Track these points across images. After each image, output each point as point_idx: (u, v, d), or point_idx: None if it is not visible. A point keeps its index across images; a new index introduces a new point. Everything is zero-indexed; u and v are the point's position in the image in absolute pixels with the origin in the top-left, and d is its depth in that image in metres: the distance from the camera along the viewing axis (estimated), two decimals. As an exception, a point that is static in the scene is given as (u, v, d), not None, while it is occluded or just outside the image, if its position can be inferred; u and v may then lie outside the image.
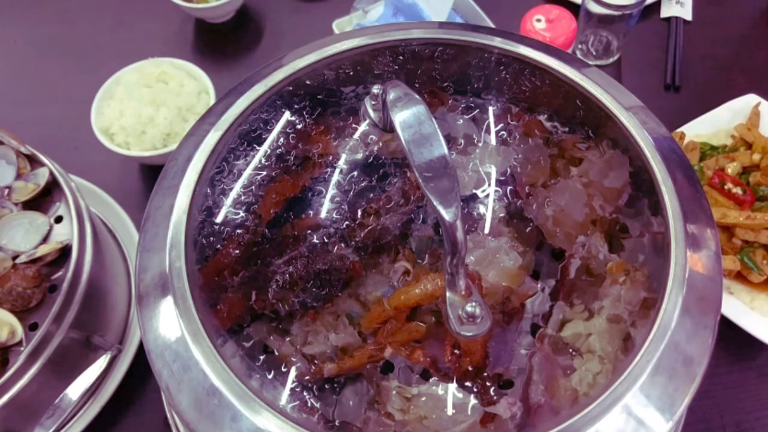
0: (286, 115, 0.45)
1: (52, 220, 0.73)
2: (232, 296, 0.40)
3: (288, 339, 0.41)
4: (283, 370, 0.40)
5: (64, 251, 0.70)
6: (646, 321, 0.38)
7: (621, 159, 0.47)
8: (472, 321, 0.34)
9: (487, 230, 0.44)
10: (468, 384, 0.41)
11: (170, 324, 0.36)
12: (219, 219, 0.41)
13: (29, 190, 0.73)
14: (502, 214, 0.44)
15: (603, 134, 0.48)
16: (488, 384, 0.41)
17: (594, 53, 1.01)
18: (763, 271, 0.77)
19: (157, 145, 0.86)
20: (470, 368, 0.41)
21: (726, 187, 0.80)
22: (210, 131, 0.43)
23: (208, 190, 0.41)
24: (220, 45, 1.05)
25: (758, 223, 0.77)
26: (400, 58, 0.49)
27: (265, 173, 0.43)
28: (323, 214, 0.43)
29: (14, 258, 0.69)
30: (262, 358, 0.40)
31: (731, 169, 0.83)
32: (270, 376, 0.37)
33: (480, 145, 0.44)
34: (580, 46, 1.02)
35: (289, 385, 0.38)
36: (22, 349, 0.65)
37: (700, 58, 1.00)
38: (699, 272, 0.39)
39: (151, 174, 0.93)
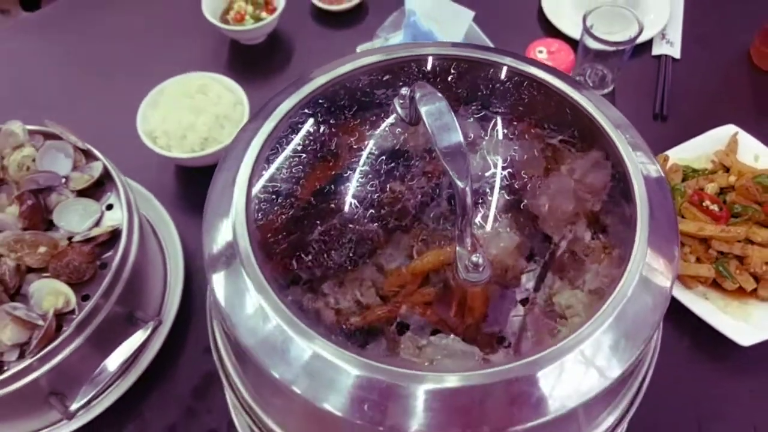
0: (328, 112, 0.53)
1: (103, 208, 0.80)
2: (279, 255, 0.47)
3: (322, 295, 0.49)
4: (319, 318, 0.47)
5: (114, 234, 0.78)
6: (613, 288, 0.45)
7: (604, 163, 0.54)
8: (475, 269, 0.42)
9: (491, 213, 0.51)
10: (469, 338, 0.48)
11: (233, 271, 0.43)
12: (271, 191, 0.49)
13: (84, 181, 0.81)
14: (502, 201, 0.52)
15: (591, 142, 0.55)
16: (486, 338, 0.48)
17: (590, 84, 1.10)
18: (736, 280, 0.85)
19: (195, 148, 0.94)
20: (472, 324, 0.48)
21: (704, 204, 0.88)
22: (265, 122, 0.51)
23: (264, 167, 0.49)
24: (253, 64, 1.14)
25: (732, 235, 0.85)
26: (419, 70, 0.57)
27: (309, 156, 0.51)
28: (355, 193, 0.50)
29: (70, 238, 0.77)
30: (303, 304, 0.47)
31: (710, 189, 0.90)
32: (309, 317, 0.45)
33: (486, 138, 0.52)
34: (578, 78, 1.10)
35: (324, 329, 0.45)
36: (74, 317, 0.72)
37: (686, 92, 1.08)
38: (657, 251, 0.45)
39: (184, 175, 1.01)
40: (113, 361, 0.72)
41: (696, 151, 0.97)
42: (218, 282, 0.44)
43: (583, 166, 0.55)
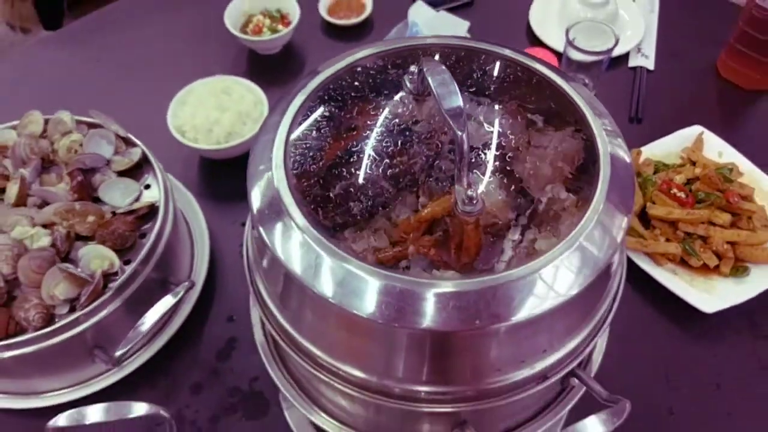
0: (348, 90, 0.64)
1: (142, 187, 0.90)
2: (309, 205, 0.57)
3: (343, 239, 0.58)
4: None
5: (152, 210, 0.88)
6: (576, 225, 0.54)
7: (579, 138, 0.64)
8: (471, 203, 0.51)
9: (485, 176, 0.61)
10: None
11: (276, 210, 0.53)
12: (303, 149, 0.59)
13: (124, 163, 0.91)
14: (493, 166, 0.62)
15: (572, 122, 0.65)
16: (479, 274, 0.58)
17: (573, 91, 1.21)
18: (700, 257, 0.95)
19: (220, 141, 1.04)
20: (467, 263, 0.58)
21: (672, 191, 0.98)
22: (297, 95, 0.61)
23: (297, 129, 0.59)
24: (269, 72, 1.25)
25: (696, 218, 0.95)
26: (423, 55, 0.67)
27: (332, 124, 0.61)
28: (370, 157, 0.60)
29: (113, 212, 0.86)
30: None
31: (678, 179, 1.01)
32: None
33: (480, 115, 0.62)
34: (562, 86, 1.21)
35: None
36: (117, 278, 0.81)
37: (659, 99, 1.19)
38: (614, 200, 0.55)
39: (207, 166, 1.11)
40: (151, 316, 0.81)
41: (667, 148, 1.08)
42: (262, 218, 0.54)
43: (561, 139, 0.65)
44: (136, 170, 0.92)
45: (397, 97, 0.63)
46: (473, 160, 0.61)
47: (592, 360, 0.70)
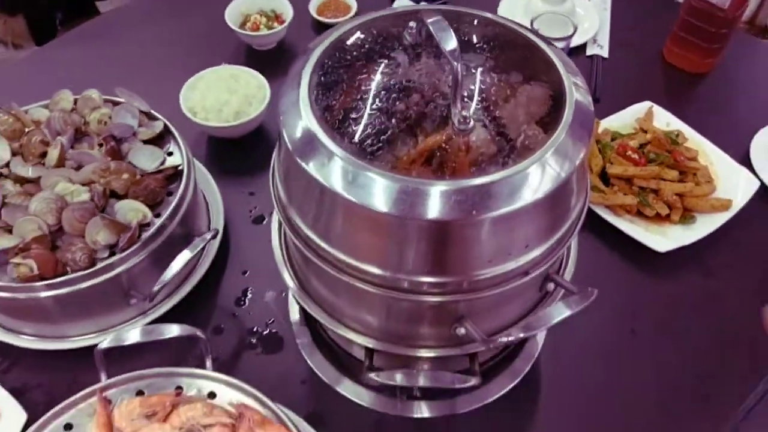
0: (357, 46, 0.76)
1: (165, 154, 1.01)
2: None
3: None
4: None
5: (176, 172, 0.98)
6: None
7: (548, 89, 0.77)
8: (464, 122, 0.64)
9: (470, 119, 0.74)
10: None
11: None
12: (323, 89, 0.70)
13: (148, 134, 1.01)
14: (480, 111, 0.74)
15: (545, 73, 0.77)
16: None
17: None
18: (653, 208, 1.08)
19: (229, 119, 1.16)
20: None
21: (627, 153, 1.12)
22: (320, 45, 0.73)
23: (319, 73, 0.71)
24: (265, 64, 1.35)
25: (648, 173, 1.09)
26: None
27: (346, 70, 0.73)
28: (379, 100, 0.72)
29: (142, 174, 0.97)
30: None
31: (632, 143, 1.15)
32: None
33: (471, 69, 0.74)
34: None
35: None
36: (149, 229, 0.91)
37: (613, 82, 1.34)
38: (576, 132, 0.68)
39: (214, 144, 1.22)
40: (181, 258, 0.91)
41: (622, 120, 1.22)
42: (294, 144, 0.65)
43: (535, 89, 0.77)
44: (159, 140, 1.02)
45: (396, 54, 0.75)
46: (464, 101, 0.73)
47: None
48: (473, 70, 0.74)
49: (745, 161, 1.18)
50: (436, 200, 0.61)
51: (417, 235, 0.64)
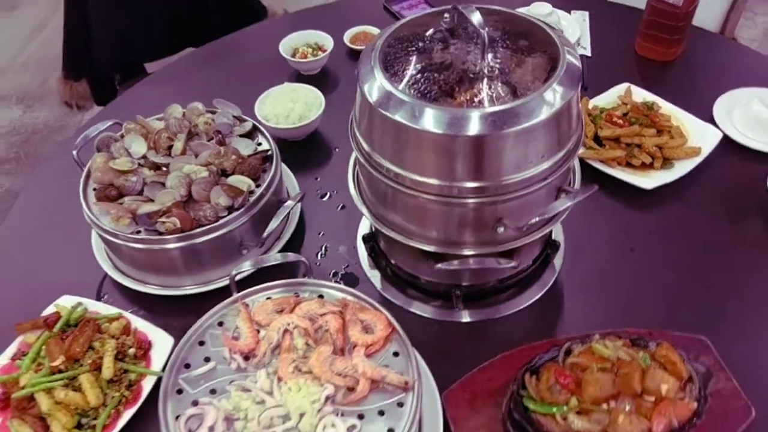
0: (410, 35, 1.04)
1: (255, 144, 1.29)
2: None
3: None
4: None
5: (267, 156, 1.27)
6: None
7: (549, 57, 1.05)
8: (492, 71, 0.92)
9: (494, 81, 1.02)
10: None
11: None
12: (387, 63, 0.99)
13: (242, 131, 1.30)
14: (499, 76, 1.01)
15: (546, 47, 1.05)
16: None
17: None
18: (639, 158, 1.35)
19: (296, 122, 1.45)
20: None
21: (614, 120, 1.40)
22: (381, 36, 1.02)
23: (384, 53, 0.99)
24: (313, 85, 1.66)
25: (631, 131, 1.36)
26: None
27: (406, 49, 1.01)
28: (428, 68, 1.00)
29: (242, 157, 1.25)
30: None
31: (617, 113, 1.43)
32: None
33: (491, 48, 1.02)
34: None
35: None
36: (254, 195, 1.19)
37: (597, 74, 1.62)
38: (568, 78, 0.96)
39: (285, 144, 1.49)
40: (282, 211, 1.19)
41: (606, 99, 1.51)
42: (369, 92, 0.93)
43: (538, 59, 1.05)
44: (249, 136, 1.31)
45: (437, 39, 1.04)
46: (491, 73, 1.00)
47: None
48: (495, 47, 1.02)
49: (710, 121, 1.45)
50: (476, 122, 0.89)
51: (463, 149, 0.92)
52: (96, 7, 2.39)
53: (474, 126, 0.89)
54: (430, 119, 0.90)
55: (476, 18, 0.93)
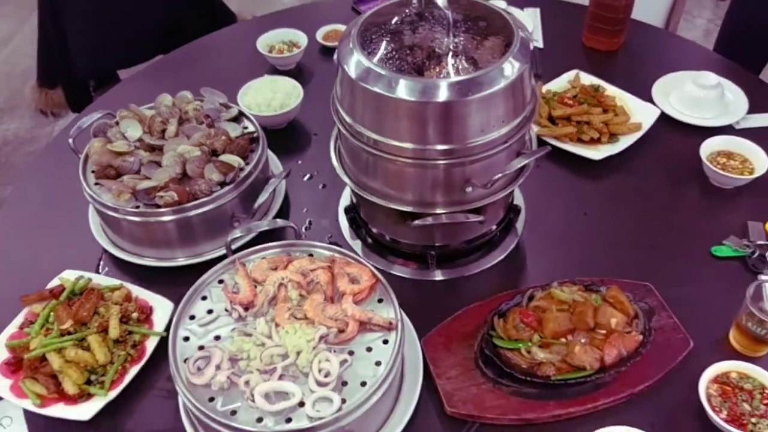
0: (383, 21, 1.17)
1: (242, 128, 1.40)
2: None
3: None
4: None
5: (254, 137, 1.37)
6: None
7: (505, 37, 1.18)
8: (455, 47, 1.05)
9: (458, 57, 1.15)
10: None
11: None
12: (366, 37, 1.11)
13: (229, 116, 1.41)
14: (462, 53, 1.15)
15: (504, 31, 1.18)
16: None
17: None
18: (588, 134, 1.50)
19: (276, 110, 1.56)
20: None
21: (565, 101, 1.55)
22: (360, 20, 1.14)
23: (360, 35, 1.12)
24: (290, 79, 1.78)
25: (580, 110, 1.51)
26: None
27: (379, 31, 1.14)
28: (400, 48, 1.13)
29: (231, 138, 1.35)
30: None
31: (567, 95, 1.58)
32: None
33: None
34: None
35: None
36: (243, 173, 1.29)
37: (549, 63, 1.78)
38: (521, 52, 1.10)
39: (267, 132, 1.61)
40: (271, 185, 1.30)
41: (558, 83, 1.66)
42: (360, 73, 1.05)
43: (497, 40, 1.18)
44: (236, 120, 1.42)
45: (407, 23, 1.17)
46: (456, 49, 1.13)
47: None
48: (458, 28, 1.15)
49: (650, 101, 1.61)
50: (444, 90, 1.02)
51: (434, 114, 1.04)
52: (71, 15, 2.45)
53: (443, 93, 1.01)
54: (405, 89, 1.02)
55: (441, 1, 1.06)
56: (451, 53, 1.08)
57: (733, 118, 1.57)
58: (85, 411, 1.08)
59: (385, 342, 1.02)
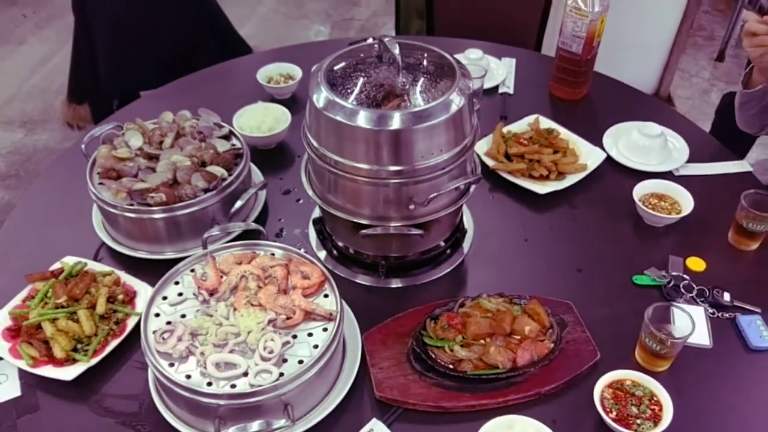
0: (349, 61, 1.36)
1: (231, 144, 1.59)
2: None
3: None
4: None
5: (239, 153, 1.56)
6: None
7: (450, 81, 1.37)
8: (403, 86, 1.23)
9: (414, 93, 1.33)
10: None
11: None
12: (331, 80, 1.30)
13: (220, 134, 1.60)
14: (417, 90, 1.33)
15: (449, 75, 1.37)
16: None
17: (468, 107, 1.97)
18: (537, 171, 1.67)
19: (266, 132, 1.75)
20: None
21: (521, 140, 1.73)
22: (328, 59, 1.33)
23: (327, 74, 1.30)
24: (284, 106, 1.98)
25: (532, 149, 1.68)
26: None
27: (341, 74, 1.33)
28: (362, 85, 1.31)
29: (219, 153, 1.54)
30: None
31: (524, 136, 1.76)
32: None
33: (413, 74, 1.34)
34: (461, 105, 1.98)
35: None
36: (225, 182, 1.48)
37: (517, 108, 1.96)
38: (462, 88, 1.28)
39: (256, 153, 1.80)
40: (250, 191, 1.48)
41: (519, 126, 1.83)
42: (317, 100, 1.24)
43: (446, 82, 1.37)
44: (226, 138, 1.61)
45: (369, 64, 1.36)
46: (405, 88, 1.32)
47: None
48: (413, 71, 1.34)
49: (600, 146, 1.78)
50: (396, 120, 1.19)
51: (385, 140, 1.21)
52: (101, 39, 2.71)
53: (395, 122, 1.19)
54: (362, 118, 1.20)
55: (395, 48, 1.25)
56: (402, 90, 1.27)
57: (674, 165, 1.73)
58: (69, 373, 1.24)
59: (325, 330, 1.18)
